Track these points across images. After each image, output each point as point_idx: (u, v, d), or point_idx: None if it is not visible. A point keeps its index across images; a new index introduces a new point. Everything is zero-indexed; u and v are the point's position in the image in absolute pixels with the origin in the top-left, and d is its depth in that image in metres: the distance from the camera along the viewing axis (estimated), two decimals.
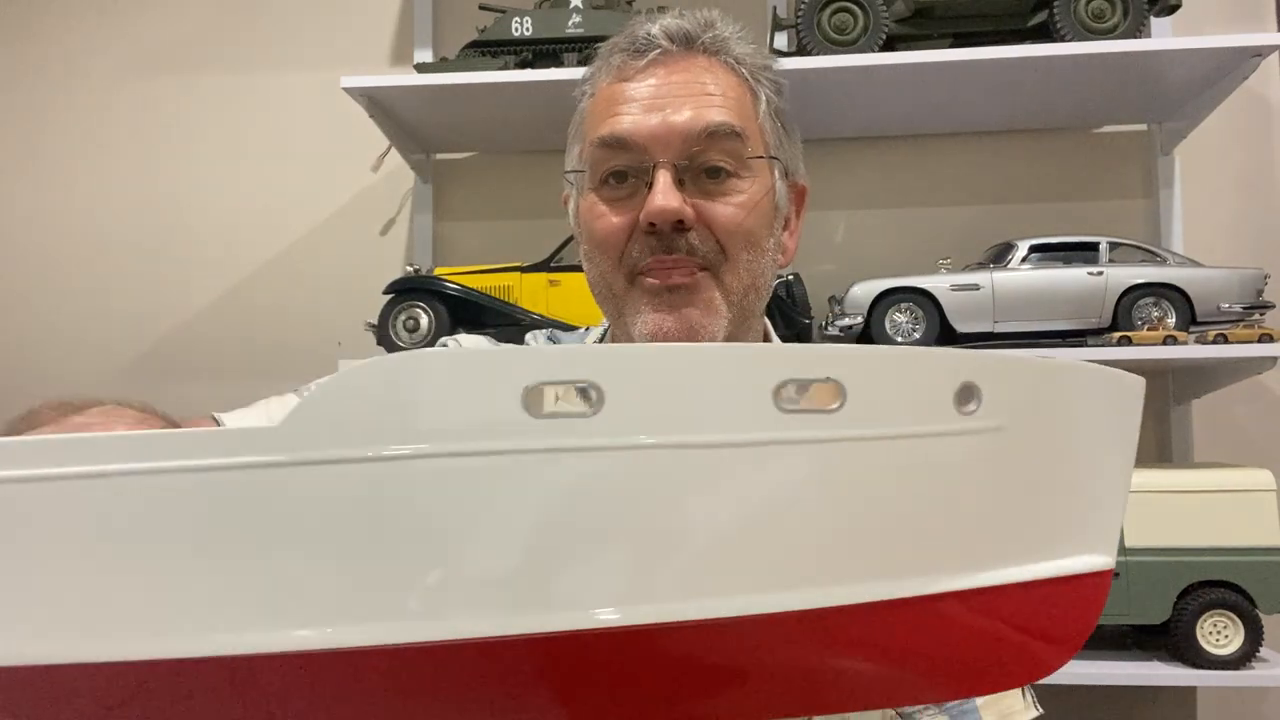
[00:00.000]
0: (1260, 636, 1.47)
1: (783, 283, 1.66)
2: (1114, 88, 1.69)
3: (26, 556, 0.33)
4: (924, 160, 1.92)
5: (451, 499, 0.32)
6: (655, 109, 0.77)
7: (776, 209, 0.82)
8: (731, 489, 0.32)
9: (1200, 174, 1.85)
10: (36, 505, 0.33)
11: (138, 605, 0.33)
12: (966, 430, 0.33)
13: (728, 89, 0.79)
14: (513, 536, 0.32)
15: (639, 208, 0.76)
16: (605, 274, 0.80)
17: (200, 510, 0.32)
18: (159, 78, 2.08)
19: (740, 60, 0.81)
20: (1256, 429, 1.81)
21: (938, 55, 1.59)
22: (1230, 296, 1.57)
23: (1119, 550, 1.49)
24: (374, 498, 0.32)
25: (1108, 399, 0.36)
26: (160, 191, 2.06)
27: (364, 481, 0.32)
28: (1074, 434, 0.36)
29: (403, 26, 2.04)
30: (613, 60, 0.81)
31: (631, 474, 0.31)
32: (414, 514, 0.32)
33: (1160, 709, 1.77)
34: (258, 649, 0.32)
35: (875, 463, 0.32)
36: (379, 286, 1.69)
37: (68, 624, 0.33)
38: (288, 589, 0.32)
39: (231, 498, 0.32)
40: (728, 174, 0.77)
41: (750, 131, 0.79)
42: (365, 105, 1.68)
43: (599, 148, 0.78)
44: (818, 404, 0.31)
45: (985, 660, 0.35)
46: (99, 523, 0.33)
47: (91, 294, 2.05)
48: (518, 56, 1.70)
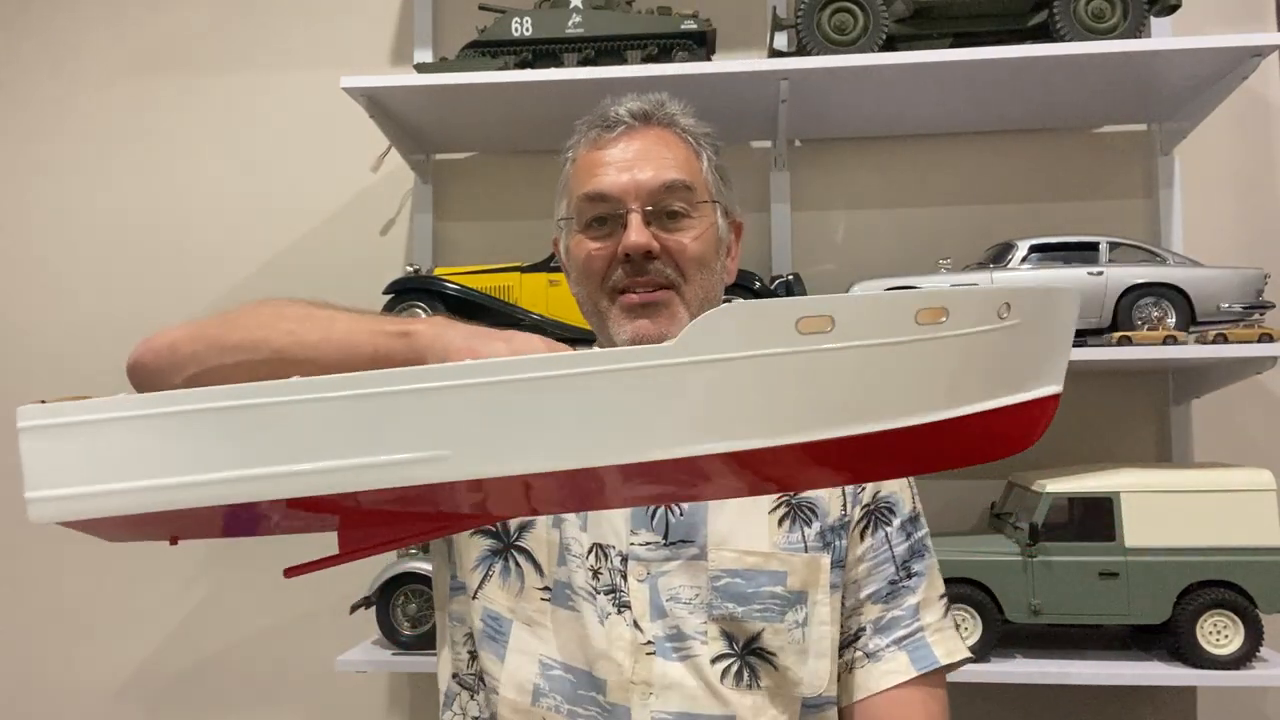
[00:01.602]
0: (1260, 636, 1.47)
1: (782, 283, 1.66)
2: (1114, 88, 1.69)
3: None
4: (924, 160, 1.92)
5: (791, 372, 0.55)
6: (625, 169, 1.03)
7: (720, 240, 1.07)
8: (884, 367, 0.55)
9: (1200, 174, 1.85)
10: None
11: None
12: (1003, 327, 0.57)
13: (678, 153, 1.05)
14: (818, 385, 0.56)
15: (617, 243, 1.01)
16: (591, 295, 1.05)
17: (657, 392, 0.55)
18: (159, 77, 2.08)
19: (686, 130, 1.08)
20: (1256, 429, 1.81)
21: (938, 55, 1.59)
22: (1230, 296, 1.57)
23: (1119, 552, 1.49)
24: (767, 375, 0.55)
25: (1060, 300, 0.61)
26: (160, 191, 2.06)
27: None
28: (1049, 321, 0.60)
29: (403, 26, 2.04)
30: (589, 134, 1.07)
31: (836, 358, 0.55)
32: (779, 379, 0.55)
33: (1160, 709, 1.77)
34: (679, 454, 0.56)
35: (958, 345, 0.56)
36: (379, 286, 1.69)
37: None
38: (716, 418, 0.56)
39: (657, 384, 0.55)
40: (682, 215, 1.03)
41: (697, 183, 1.05)
42: (365, 105, 1.68)
43: (584, 201, 1.04)
44: (933, 319, 0.56)
45: (984, 445, 0.59)
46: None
47: (91, 294, 2.05)
48: (518, 56, 1.70)
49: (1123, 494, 1.50)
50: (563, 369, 0.55)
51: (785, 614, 0.99)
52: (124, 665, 1.99)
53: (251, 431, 0.57)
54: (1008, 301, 0.57)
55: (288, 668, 1.94)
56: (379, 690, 1.93)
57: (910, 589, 1.04)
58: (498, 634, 1.01)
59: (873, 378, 0.55)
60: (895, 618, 1.03)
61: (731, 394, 0.55)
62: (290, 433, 0.56)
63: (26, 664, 2.02)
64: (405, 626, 1.64)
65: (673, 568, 1.00)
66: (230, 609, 1.95)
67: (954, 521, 1.77)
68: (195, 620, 1.97)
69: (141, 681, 1.99)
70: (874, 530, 1.06)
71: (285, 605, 1.94)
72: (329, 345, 0.79)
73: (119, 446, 0.58)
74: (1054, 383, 0.61)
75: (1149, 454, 1.82)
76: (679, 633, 0.98)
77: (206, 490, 0.57)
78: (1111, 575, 1.49)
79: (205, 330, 0.86)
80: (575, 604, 0.99)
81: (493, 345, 0.73)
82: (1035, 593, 1.50)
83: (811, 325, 0.54)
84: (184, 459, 0.57)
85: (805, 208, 1.92)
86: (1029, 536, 1.50)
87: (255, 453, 0.56)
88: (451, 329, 0.76)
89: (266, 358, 0.79)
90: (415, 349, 0.75)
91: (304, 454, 0.56)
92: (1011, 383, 0.59)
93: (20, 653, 2.02)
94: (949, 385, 0.57)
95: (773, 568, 1.00)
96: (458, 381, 0.56)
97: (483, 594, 1.02)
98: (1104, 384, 1.82)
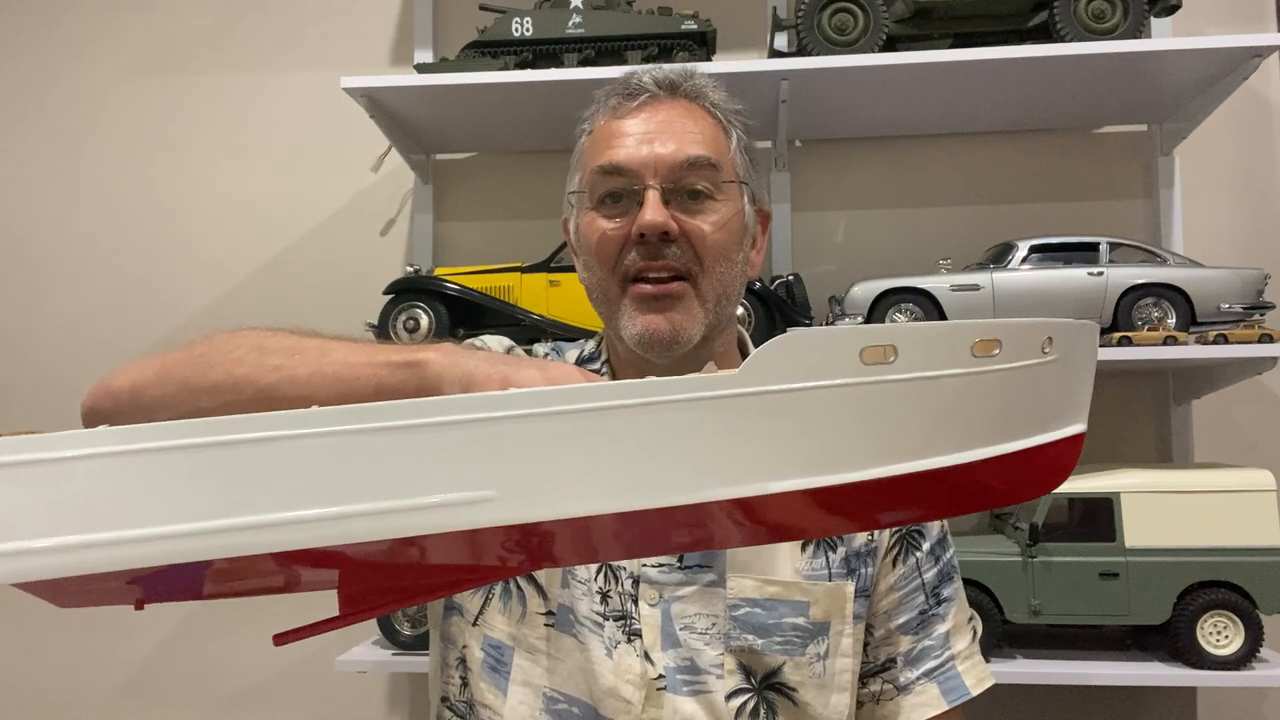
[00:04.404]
0: (1260, 637, 1.47)
1: (783, 283, 1.66)
2: (1114, 88, 1.69)
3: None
4: (924, 160, 1.92)
5: (856, 405, 0.53)
6: (645, 142, 0.92)
7: (745, 228, 0.97)
8: (943, 399, 0.54)
9: (1200, 174, 1.85)
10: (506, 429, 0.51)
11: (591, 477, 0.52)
12: (1046, 362, 0.56)
13: (705, 128, 0.95)
14: (882, 418, 0.53)
15: (631, 222, 0.91)
16: (601, 280, 0.95)
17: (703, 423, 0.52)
18: (159, 77, 2.08)
19: (716, 104, 0.97)
20: (1256, 429, 1.81)
21: (938, 55, 1.59)
22: (1230, 297, 1.57)
23: (1119, 553, 1.49)
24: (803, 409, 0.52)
25: (1088, 335, 0.60)
26: (160, 191, 2.06)
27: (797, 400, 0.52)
28: (1079, 357, 0.59)
29: (403, 26, 2.04)
30: (609, 103, 0.97)
31: (898, 391, 0.53)
32: (825, 413, 0.52)
33: (1160, 709, 1.77)
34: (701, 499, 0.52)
35: (1008, 379, 0.55)
36: (379, 286, 1.69)
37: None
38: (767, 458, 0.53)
39: (720, 414, 0.52)
40: (705, 196, 0.93)
41: (724, 163, 0.95)
42: (365, 105, 1.68)
43: (598, 174, 0.94)
44: (987, 350, 0.54)
45: (1025, 482, 0.59)
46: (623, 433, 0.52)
47: (91, 294, 2.05)
48: (518, 57, 1.70)
49: (1123, 494, 1.50)
50: (621, 399, 0.51)
51: (807, 646, 0.94)
52: (124, 664, 1.99)
53: (250, 472, 0.49)
54: (1050, 335, 0.56)
55: (287, 667, 1.94)
56: (379, 690, 1.93)
57: (940, 616, 1.00)
58: (499, 664, 0.94)
59: (932, 411, 0.53)
60: (926, 648, 0.99)
61: (799, 428, 0.52)
62: (300, 473, 0.49)
63: (27, 663, 2.01)
64: (405, 626, 1.63)
65: (688, 593, 0.93)
66: (231, 608, 1.95)
67: (954, 522, 1.75)
68: (196, 619, 1.97)
69: (142, 681, 1.98)
70: (905, 557, 1.00)
71: (286, 604, 1.93)
72: (323, 381, 0.69)
73: (83, 491, 0.48)
74: (1081, 421, 0.60)
75: (1149, 454, 1.82)
76: (692, 665, 0.92)
77: (197, 543, 0.48)
78: (1112, 575, 1.49)
79: (173, 370, 0.75)
80: (580, 634, 0.93)
81: (527, 373, 0.64)
82: (1035, 593, 1.50)
83: (875, 355, 0.52)
84: (166, 505, 0.48)
85: (805, 208, 1.92)
86: (1029, 537, 1.50)
87: (255, 497, 0.49)
88: (468, 356, 0.68)
89: (251, 398, 0.70)
90: (426, 380, 0.67)
91: (319, 498, 0.49)
92: (1049, 419, 0.58)
93: (20, 652, 2.02)
94: (1002, 420, 0.55)
95: (794, 597, 0.94)
96: (506, 412, 0.50)
97: (484, 621, 0.96)
98: (1104, 384, 1.80)
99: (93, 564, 0.48)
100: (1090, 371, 0.61)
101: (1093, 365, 0.62)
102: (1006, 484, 0.57)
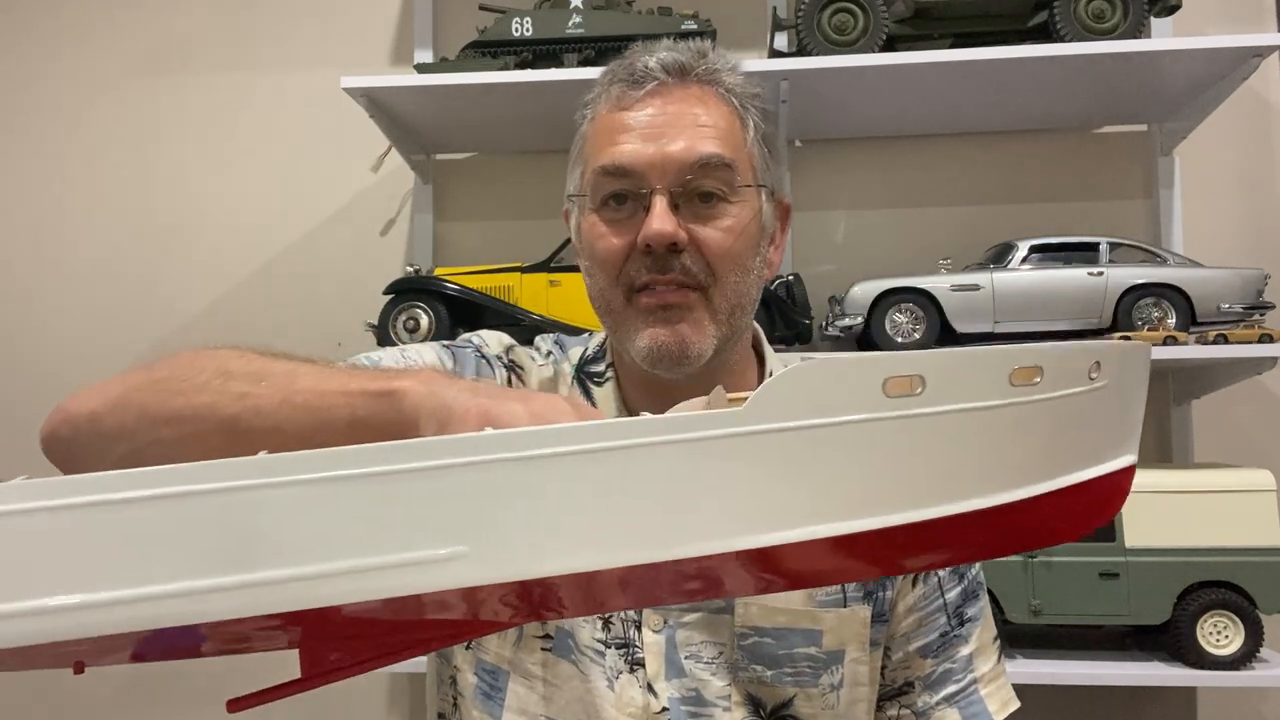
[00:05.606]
0: (1260, 637, 1.47)
1: (783, 283, 1.66)
2: (1114, 88, 1.69)
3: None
4: (924, 160, 1.92)
5: (879, 442, 0.48)
6: (652, 138, 0.83)
7: (763, 229, 0.88)
8: (977, 434, 0.49)
9: (1200, 174, 1.85)
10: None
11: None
12: (1093, 389, 0.52)
13: (719, 119, 0.86)
14: (910, 456, 0.48)
15: (637, 229, 0.83)
16: (604, 290, 0.87)
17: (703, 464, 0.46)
18: (159, 77, 2.08)
19: (731, 90, 0.88)
20: (1256, 429, 1.81)
21: (938, 55, 1.59)
22: (1230, 297, 1.57)
23: (1119, 553, 1.49)
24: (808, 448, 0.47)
25: (1140, 358, 0.57)
26: (160, 192, 2.06)
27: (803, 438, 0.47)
28: (1131, 382, 0.55)
29: (403, 26, 2.04)
30: (612, 90, 0.87)
31: (926, 426, 0.48)
32: (841, 454, 0.47)
33: (1160, 709, 1.77)
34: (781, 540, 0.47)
35: (1051, 409, 0.51)
36: (379, 286, 1.69)
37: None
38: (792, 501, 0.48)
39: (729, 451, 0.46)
40: (719, 199, 0.84)
41: (740, 160, 0.85)
42: (365, 105, 1.68)
43: (600, 175, 0.85)
44: (1027, 379, 0.50)
45: (1068, 523, 0.55)
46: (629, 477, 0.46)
47: (91, 294, 2.05)
48: (518, 57, 1.70)
49: None
50: (612, 440, 0.45)
51: (820, 677, 0.89)
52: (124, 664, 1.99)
53: (202, 529, 0.43)
54: (1098, 360, 0.51)
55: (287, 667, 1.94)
56: (379, 690, 1.93)
57: (963, 638, 0.93)
58: (493, 689, 0.89)
59: (967, 446, 0.48)
60: (947, 671, 0.93)
61: (814, 469, 0.47)
62: (257, 530, 0.43)
63: None
64: None
65: (694, 619, 0.88)
66: None
67: None
68: None
69: (141, 680, 1.98)
70: (926, 576, 0.93)
71: None
72: (293, 411, 0.63)
73: (21, 549, 0.42)
74: (1131, 451, 0.55)
75: (1149, 454, 1.82)
76: (698, 696, 0.87)
77: (141, 610, 0.43)
78: (1112, 575, 1.49)
79: (133, 396, 0.67)
80: (580, 663, 0.88)
81: (509, 407, 0.57)
82: (1035, 593, 1.50)
83: (899, 387, 0.47)
84: (110, 567, 0.42)
85: (805, 208, 1.92)
86: None
87: (208, 557, 0.43)
88: (447, 385, 0.61)
89: (215, 429, 0.64)
90: (403, 411, 0.60)
91: (275, 558, 0.43)
92: (1097, 451, 0.53)
93: None
94: (1044, 454, 0.51)
95: (805, 625, 0.89)
96: (478, 458, 0.44)
97: (477, 644, 0.91)
98: None
99: (39, 631, 0.42)
100: (1142, 397, 0.57)
101: (1144, 389, 0.57)
102: (1049, 524, 0.53)
